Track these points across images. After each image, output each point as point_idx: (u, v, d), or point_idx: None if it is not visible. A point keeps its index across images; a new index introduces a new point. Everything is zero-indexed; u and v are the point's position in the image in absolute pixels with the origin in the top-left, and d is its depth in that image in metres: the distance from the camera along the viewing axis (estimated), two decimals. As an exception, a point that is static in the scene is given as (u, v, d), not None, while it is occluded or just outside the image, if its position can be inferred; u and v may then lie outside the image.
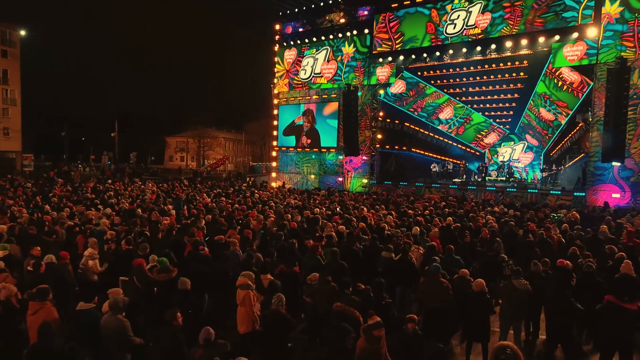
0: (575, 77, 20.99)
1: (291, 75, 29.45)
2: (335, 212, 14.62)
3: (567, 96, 22.30)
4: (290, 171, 30.54)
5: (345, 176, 27.88)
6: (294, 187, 28.46)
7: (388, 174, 27.90)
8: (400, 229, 11.60)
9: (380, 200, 19.21)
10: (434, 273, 7.25)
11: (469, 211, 15.46)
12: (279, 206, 14.50)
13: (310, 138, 28.86)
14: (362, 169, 27.08)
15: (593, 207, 17.43)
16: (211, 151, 62.13)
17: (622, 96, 17.65)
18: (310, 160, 29.59)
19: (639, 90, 18.27)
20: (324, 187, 26.90)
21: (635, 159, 18.44)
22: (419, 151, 30.50)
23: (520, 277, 7.09)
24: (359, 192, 24.93)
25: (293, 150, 30.13)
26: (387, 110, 27.74)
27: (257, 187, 24.71)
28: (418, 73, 26.20)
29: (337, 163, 28.20)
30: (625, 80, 17.63)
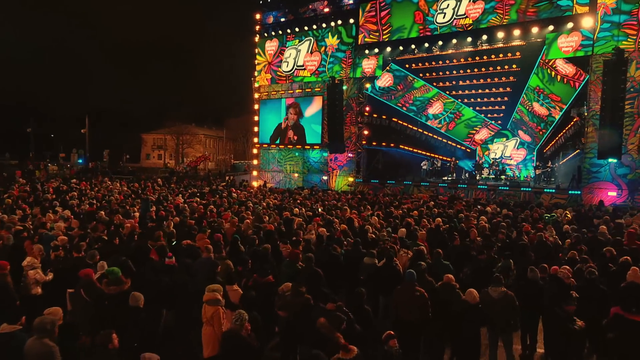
0: (570, 69, 20.78)
1: (273, 67, 28.75)
2: (316, 213, 14.03)
3: (562, 90, 22.08)
4: (272, 169, 29.86)
5: (330, 174, 27.32)
6: (277, 186, 27.81)
7: (375, 172, 27.49)
8: (386, 231, 11.05)
9: (366, 199, 18.69)
10: (408, 281, 6.69)
11: (460, 211, 15.01)
12: (257, 207, 13.84)
13: (297, 134, 28.19)
14: (348, 167, 26.57)
15: (589, 206, 17.16)
16: (191, 149, 60.96)
17: (619, 89, 17.40)
18: (293, 158, 28.95)
19: (636, 84, 18.03)
20: (308, 186, 26.30)
21: (632, 155, 18.22)
22: (408, 148, 30.21)
23: (500, 284, 6.62)
24: (345, 192, 24.43)
25: (275, 148, 29.44)
26: (373, 104, 27.29)
27: (235, 186, 23.99)
28: (406, 65, 25.79)
29: (322, 161, 27.62)
30: (622, 72, 17.36)
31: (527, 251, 9.19)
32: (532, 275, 7.27)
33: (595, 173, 19.06)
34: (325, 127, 26.63)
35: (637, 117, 18.06)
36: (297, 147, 28.52)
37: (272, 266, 8.06)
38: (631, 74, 17.92)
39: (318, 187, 25.72)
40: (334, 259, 8.55)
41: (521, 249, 9.14)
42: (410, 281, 6.73)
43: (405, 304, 6.57)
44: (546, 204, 19.09)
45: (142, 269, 7.83)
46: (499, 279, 6.69)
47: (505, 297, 6.53)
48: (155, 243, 8.77)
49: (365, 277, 8.19)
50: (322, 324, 5.44)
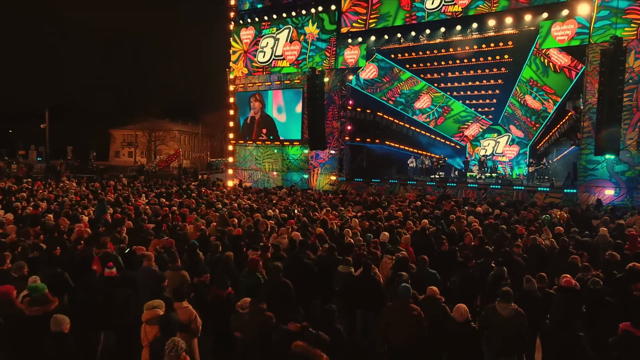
0: (565, 60, 20.49)
1: (249, 56, 27.92)
2: (292, 214, 13.35)
3: (556, 82, 21.79)
4: (250, 168, 29.07)
5: (311, 173, 26.66)
6: (254, 185, 27.04)
7: (359, 169, 27.01)
8: (368, 235, 10.42)
9: (348, 199, 18.09)
10: (402, 298, 6.02)
11: (449, 212, 14.46)
12: (221, 210, 13.08)
13: (267, 127, 27.43)
14: (330, 165, 25.94)
15: (587, 205, 16.82)
16: (164, 146, 59.66)
17: (617, 81, 17.05)
18: (272, 155, 28.21)
19: (635, 75, 17.71)
20: (287, 185, 25.66)
21: (631, 151, 17.91)
22: (394, 144, 29.76)
23: (510, 300, 5.92)
24: (326, 191, 23.85)
25: (252, 144, 28.64)
26: (357, 98, 26.74)
27: (207, 185, 23.17)
28: (391, 56, 25.26)
29: (302, 158, 26.94)
30: (621, 62, 17.01)
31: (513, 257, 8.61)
32: (528, 286, 6.68)
33: (592, 170, 18.73)
34: (305, 121, 25.92)
35: (636, 110, 17.75)
36: (275, 144, 27.77)
37: (234, 276, 7.35)
38: (630, 65, 17.59)
39: (297, 187, 25.13)
40: (305, 267, 7.86)
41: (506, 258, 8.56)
42: (404, 298, 6.04)
43: (398, 326, 5.87)
44: (540, 203, 18.76)
45: (85, 282, 7.04)
46: (508, 293, 5.95)
47: (517, 315, 5.85)
48: (99, 251, 7.97)
49: (340, 288, 7.52)
50: (298, 348, 4.67)
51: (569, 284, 6.48)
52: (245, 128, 28.20)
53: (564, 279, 6.63)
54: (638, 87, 17.69)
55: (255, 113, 27.65)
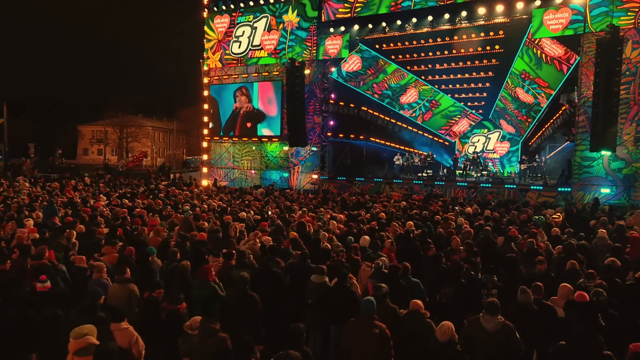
0: (559, 50, 20.17)
1: (224, 45, 27.14)
2: (266, 216, 12.71)
3: (550, 74, 21.53)
4: (226, 166, 28.36)
5: (291, 171, 26.07)
6: (231, 184, 26.37)
7: (342, 167, 26.53)
8: (348, 239, 9.82)
9: (329, 199, 17.52)
10: (365, 313, 5.43)
11: (436, 212, 13.96)
12: (186, 212, 12.36)
13: (253, 122, 26.73)
14: (311, 162, 25.42)
15: (583, 205, 16.51)
16: (136, 143, 58.40)
17: (614, 72, 16.78)
18: (250, 153, 27.54)
19: (632, 66, 17.49)
20: (266, 184, 25.05)
21: (628, 147, 17.68)
22: (379, 141, 29.46)
23: (496, 312, 5.38)
24: (307, 190, 23.29)
25: (228, 141, 27.90)
26: (340, 91, 26.25)
27: (178, 185, 22.39)
28: (376, 46, 24.77)
29: (281, 155, 26.31)
30: (617, 53, 16.74)
31: (516, 264, 8.11)
32: (523, 298, 6.14)
33: (587, 167, 18.51)
34: (284, 116, 25.29)
35: (633, 104, 17.53)
36: (253, 140, 27.09)
37: (189, 288, 6.69)
38: (627, 55, 17.35)
39: (276, 186, 24.53)
40: (274, 277, 7.22)
41: (509, 262, 8.04)
42: (367, 313, 5.45)
43: (357, 345, 5.27)
44: (533, 202, 18.50)
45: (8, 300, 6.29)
46: (494, 304, 5.42)
47: (502, 329, 5.29)
48: (35, 262, 7.22)
49: (313, 300, 6.90)
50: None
51: (583, 298, 5.90)
52: (228, 123, 27.46)
53: (575, 294, 6.04)
54: (635, 79, 17.46)
55: (240, 106, 26.91)
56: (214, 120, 28.13)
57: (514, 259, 8.50)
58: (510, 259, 8.36)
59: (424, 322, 5.70)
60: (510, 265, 8.02)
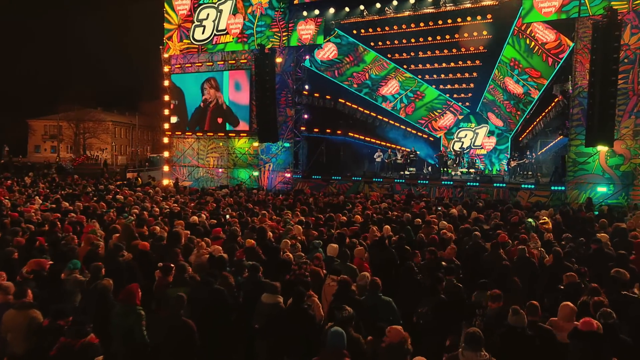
0: (552, 37, 19.75)
1: (185, 29, 26.08)
2: (222, 221, 11.80)
3: (542, 62, 21.07)
4: (190, 164, 27.40)
5: (261, 169, 25.26)
6: (194, 184, 25.41)
7: (317, 165, 25.93)
8: (312, 247, 9.00)
9: (300, 200, 16.70)
10: (332, 347, 4.60)
11: (418, 215, 13.22)
12: (127, 217, 11.35)
13: (223, 116, 25.81)
14: (284, 160, 24.71)
15: (579, 205, 16.03)
16: (95, 139, 56.68)
17: (611, 59, 16.25)
18: (217, 149, 26.68)
19: (630, 53, 17.07)
20: (235, 183, 24.23)
21: (626, 141, 17.28)
22: (358, 136, 28.94)
23: (479, 345, 4.57)
24: (279, 191, 22.66)
25: (192, 136, 26.92)
26: (315, 81, 25.55)
27: (131, 185, 21.31)
28: (353, 32, 24.15)
29: (250, 152, 25.44)
30: (615, 38, 16.21)
31: (509, 274, 7.37)
32: (515, 319, 5.36)
33: (583, 164, 18.10)
34: (254, 109, 24.40)
35: (632, 94, 17.12)
36: (219, 136, 26.17)
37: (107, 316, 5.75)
38: (625, 41, 16.92)
39: (245, 185, 23.69)
40: (216, 298, 6.31)
41: (501, 273, 7.31)
42: (335, 348, 4.62)
43: None
44: (524, 203, 17.97)
45: None
46: (475, 337, 4.63)
47: None
48: None
49: (262, 325, 6.03)
50: None
51: (590, 327, 5.10)
52: (196, 117, 26.48)
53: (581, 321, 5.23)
54: (634, 67, 17.06)
55: (209, 100, 25.99)
56: (180, 113, 27.13)
57: (507, 268, 7.77)
58: (501, 269, 7.63)
59: (401, 352, 4.86)
60: (502, 276, 7.28)
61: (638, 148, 17.22)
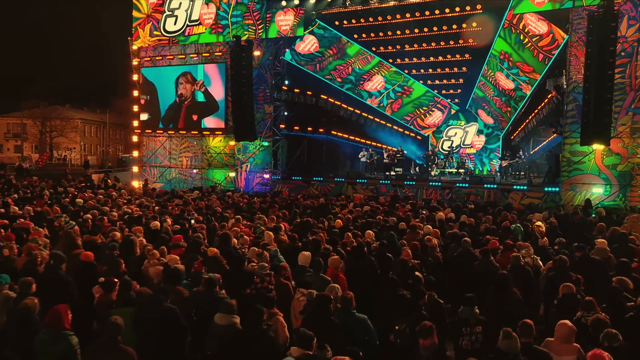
0: (544, 28, 19.48)
1: (154, 22, 25.34)
2: (187, 226, 11.17)
3: (534, 57, 20.77)
4: (162, 164, 26.68)
5: (238, 170, 24.64)
6: (166, 186, 24.79)
7: (298, 166, 25.61)
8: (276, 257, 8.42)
9: (277, 203, 16.18)
10: None
11: (403, 219, 12.73)
12: (68, 223, 10.62)
13: (199, 113, 25.13)
14: (262, 160, 24.11)
15: (575, 207, 15.74)
16: (63, 138, 55.45)
17: (608, 52, 15.94)
18: (190, 148, 25.99)
19: (628, 45, 16.81)
20: (209, 185, 23.73)
21: (624, 140, 17.02)
22: (342, 134, 28.65)
23: None
24: (257, 193, 21.98)
25: (163, 134, 26.20)
26: (295, 76, 25.10)
27: (93, 188, 20.55)
28: (335, 23, 23.64)
29: (226, 152, 24.83)
30: (611, 29, 15.88)
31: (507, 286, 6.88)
32: (506, 344, 4.83)
33: (578, 164, 17.84)
34: (229, 105, 23.79)
35: (630, 89, 16.88)
36: (192, 134, 25.48)
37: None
38: (622, 33, 16.68)
39: (220, 187, 23.24)
40: (165, 319, 5.69)
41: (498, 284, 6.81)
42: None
43: None
44: (516, 205, 17.73)
45: None
46: None
47: None
48: None
49: (214, 351, 5.43)
50: None
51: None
52: (170, 114, 25.76)
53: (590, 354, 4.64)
54: (632, 60, 16.82)
55: (185, 95, 25.29)
56: (151, 110, 26.29)
57: (504, 276, 7.24)
58: (500, 279, 7.10)
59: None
60: (500, 286, 6.78)
61: (636, 146, 16.96)
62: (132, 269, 8.00)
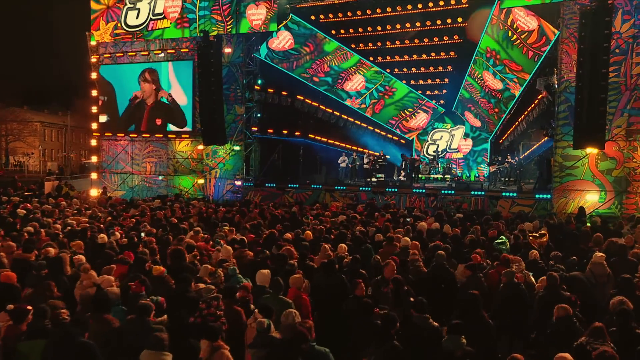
0: (534, 23, 19.24)
1: (112, 15, 24.60)
2: (136, 240, 10.42)
3: (522, 54, 20.56)
4: (124, 170, 25.88)
5: (207, 176, 23.99)
6: (128, 195, 24.12)
7: (272, 171, 25.05)
8: (234, 277, 7.75)
9: (243, 213, 15.53)
10: None
11: (380, 230, 12.14)
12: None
13: (163, 116, 24.54)
14: (233, 165, 23.60)
15: (568, 216, 15.36)
16: (21, 142, 54.01)
17: (601, 49, 15.61)
18: (155, 153, 25.31)
19: (622, 42, 16.59)
20: (176, 193, 23.11)
21: (619, 143, 16.77)
22: (320, 138, 28.32)
23: None
24: (228, 201, 21.53)
25: (125, 138, 25.42)
26: (269, 75, 24.62)
27: (40, 197, 19.64)
28: (312, 17, 23.33)
29: (194, 156, 24.23)
30: (605, 24, 15.58)
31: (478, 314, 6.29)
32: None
33: (571, 169, 17.57)
34: (197, 106, 23.22)
35: (625, 89, 16.66)
36: (157, 137, 24.76)
37: None
38: (617, 29, 16.46)
39: (188, 194, 22.81)
40: (79, 356, 4.94)
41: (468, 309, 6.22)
42: None
43: None
44: (506, 213, 17.44)
45: None
46: None
47: None
48: None
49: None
50: None
51: None
52: (130, 115, 25.09)
53: None
54: (627, 58, 16.59)
55: (146, 95, 24.66)
56: (110, 111, 25.57)
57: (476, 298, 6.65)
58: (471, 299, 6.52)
59: None
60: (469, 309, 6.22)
61: (632, 150, 16.73)
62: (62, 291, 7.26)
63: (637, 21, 16.62)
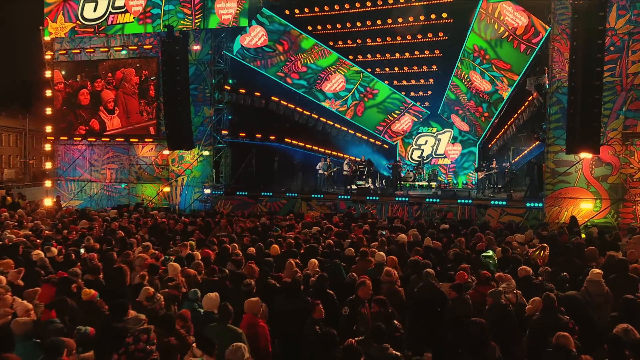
0: (524, 20, 19.04)
1: (68, 8, 23.91)
2: (74, 257, 9.70)
3: (512, 52, 20.42)
4: (81, 177, 25.19)
5: (173, 184, 23.47)
6: (86, 204, 23.48)
7: (245, 179, 24.83)
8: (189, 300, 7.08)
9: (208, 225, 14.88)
10: None
11: (356, 243, 11.53)
12: None
13: (124, 118, 24.03)
14: (201, 172, 23.27)
15: (560, 226, 15.16)
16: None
17: (595, 46, 15.48)
18: (116, 159, 24.83)
19: (617, 39, 16.47)
20: (136, 201, 22.79)
21: (615, 147, 16.66)
22: (296, 142, 28.11)
23: None
24: (196, 211, 21.18)
25: (81, 142, 24.76)
26: (241, 74, 24.31)
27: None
28: (286, 12, 22.93)
29: (159, 162, 23.83)
30: (600, 21, 15.48)
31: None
32: None
33: (563, 175, 17.46)
34: (161, 107, 22.70)
35: (620, 89, 16.56)
36: (117, 142, 24.10)
37: None
38: (611, 25, 16.36)
39: (150, 204, 22.54)
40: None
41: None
42: None
43: None
44: (494, 223, 17.30)
45: None
46: None
47: None
48: None
49: None
50: None
51: None
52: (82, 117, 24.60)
53: None
54: (622, 56, 16.50)
55: (103, 96, 24.25)
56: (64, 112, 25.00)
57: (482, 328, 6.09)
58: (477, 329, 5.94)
59: None
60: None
61: (629, 155, 16.66)
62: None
63: (632, 17, 16.57)
